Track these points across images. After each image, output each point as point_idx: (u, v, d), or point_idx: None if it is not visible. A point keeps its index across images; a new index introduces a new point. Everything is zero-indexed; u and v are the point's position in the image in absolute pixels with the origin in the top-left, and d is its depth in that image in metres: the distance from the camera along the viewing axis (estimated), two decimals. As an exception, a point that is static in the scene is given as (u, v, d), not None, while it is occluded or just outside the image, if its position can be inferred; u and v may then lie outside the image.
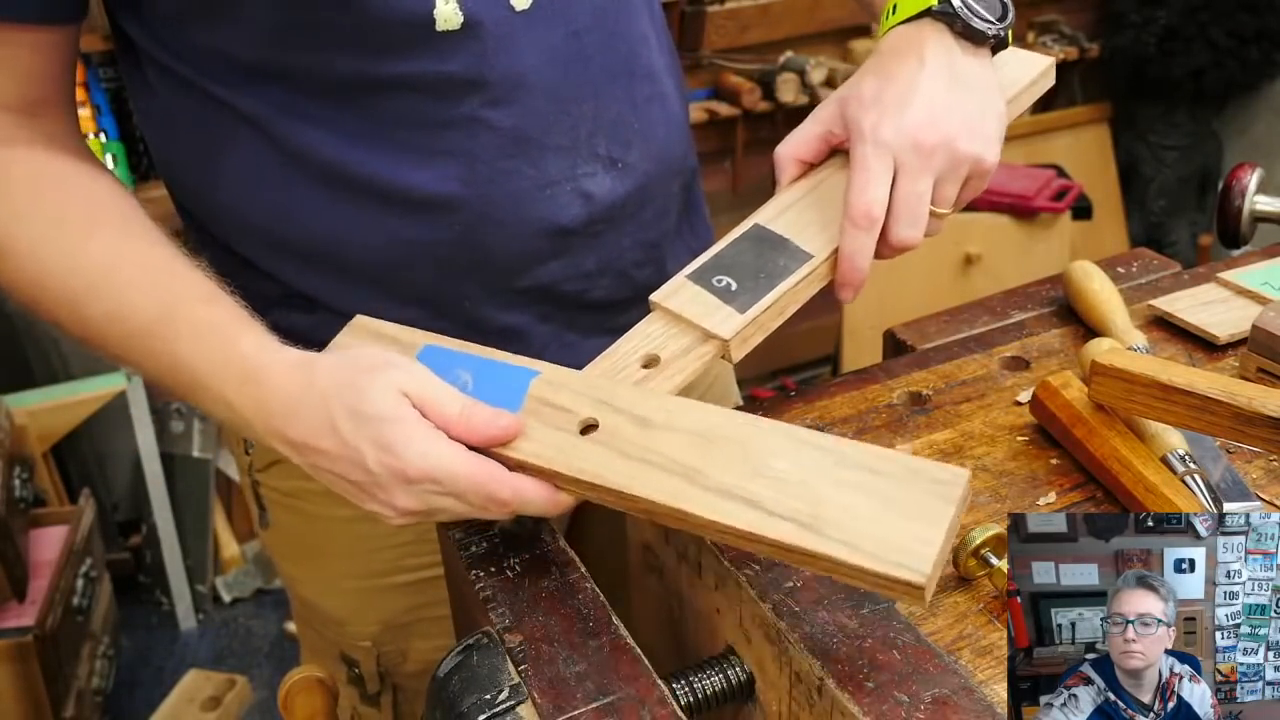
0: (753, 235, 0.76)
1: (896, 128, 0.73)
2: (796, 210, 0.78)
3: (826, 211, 0.77)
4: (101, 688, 2.01)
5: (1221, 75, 2.92)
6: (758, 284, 0.73)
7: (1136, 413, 0.72)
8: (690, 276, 0.74)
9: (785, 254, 0.75)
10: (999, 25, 0.77)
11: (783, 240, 0.75)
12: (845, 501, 0.58)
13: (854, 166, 0.74)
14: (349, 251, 0.81)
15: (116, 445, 2.40)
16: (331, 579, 0.95)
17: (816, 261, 0.74)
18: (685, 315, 0.72)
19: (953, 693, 0.58)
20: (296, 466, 0.90)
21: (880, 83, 0.75)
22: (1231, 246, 0.98)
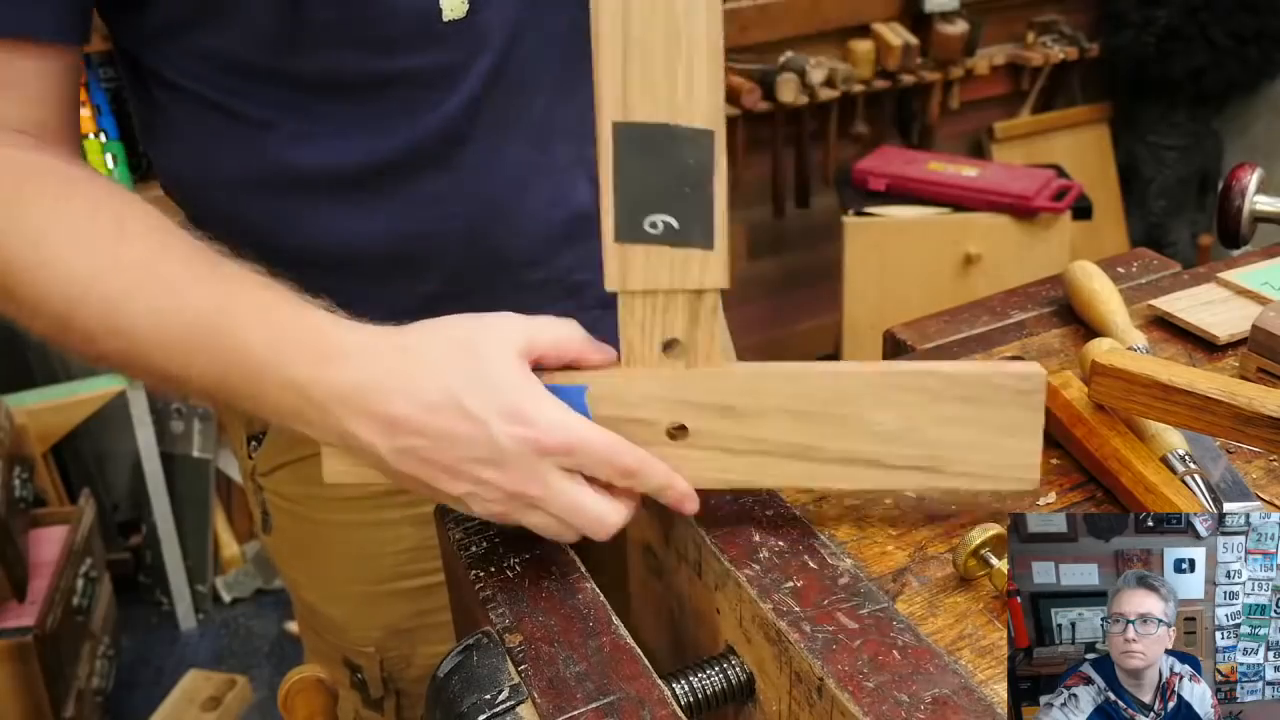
0: (626, 142, 0.62)
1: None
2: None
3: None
4: (101, 688, 2.01)
5: (1221, 75, 2.92)
6: (692, 201, 0.63)
7: (1136, 413, 0.72)
8: (621, 240, 0.64)
9: (680, 143, 0.62)
10: None
11: (662, 130, 0.61)
12: (952, 437, 0.66)
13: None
14: (353, 252, 0.81)
15: (116, 445, 2.40)
16: (334, 584, 0.94)
17: (718, 133, 0.62)
18: (660, 288, 0.64)
19: (953, 693, 0.58)
20: (302, 471, 0.91)
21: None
22: (1231, 246, 0.98)
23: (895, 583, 0.66)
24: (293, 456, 0.90)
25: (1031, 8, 3.01)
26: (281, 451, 0.91)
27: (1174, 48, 2.89)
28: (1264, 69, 2.96)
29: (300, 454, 0.90)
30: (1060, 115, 3.09)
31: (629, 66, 0.60)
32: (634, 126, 0.61)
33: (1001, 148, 3.02)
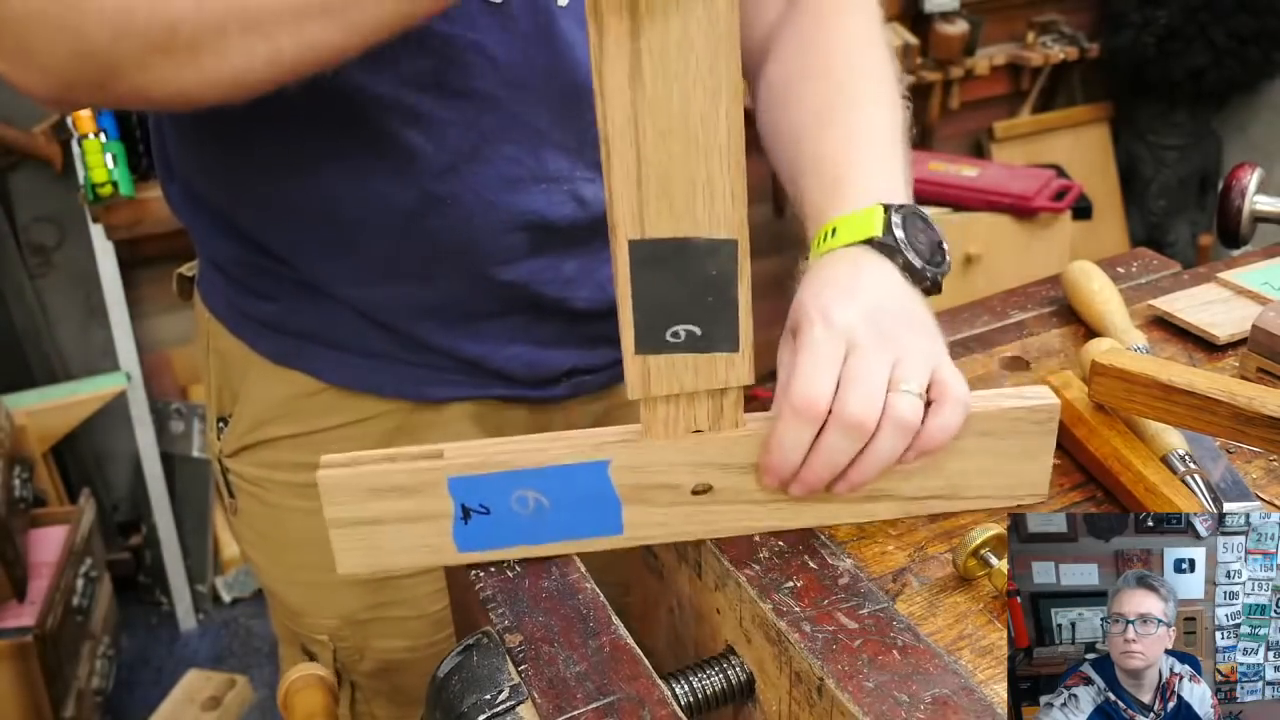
0: (643, 258, 0.60)
1: (851, 309, 0.65)
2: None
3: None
4: (101, 688, 2.01)
5: (1221, 75, 2.92)
6: (716, 308, 0.61)
7: (1136, 413, 0.72)
8: (641, 352, 0.62)
9: (701, 255, 0.60)
10: (935, 269, 0.70)
11: (682, 244, 0.60)
12: (969, 466, 0.68)
13: (801, 346, 0.64)
14: (349, 216, 0.80)
15: (116, 445, 2.40)
16: (291, 569, 0.95)
17: (741, 241, 0.60)
18: (684, 391, 0.64)
19: (953, 693, 0.58)
20: (263, 455, 0.92)
21: (825, 279, 0.68)
22: (1231, 246, 0.98)
23: (895, 583, 0.66)
24: (256, 439, 0.91)
25: (1031, 8, 3.01)
26: (245, 433, 0.91)
27: (1174, 48, 2.89)
28: (1264, 69, 2.96)
29: (263, 437, 0.91)
30: (1060, 115, 3.09)
31: (644, 184, 0.58)
32: (651, 243, 0.59)
33: (1001, 148, 3.02)
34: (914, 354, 0.64)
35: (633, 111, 0.56)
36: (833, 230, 0.70)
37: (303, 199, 0.80)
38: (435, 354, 0.86)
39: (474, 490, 0.65)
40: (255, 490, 0.94)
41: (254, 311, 0.87)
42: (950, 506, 0.70)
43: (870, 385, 0.62)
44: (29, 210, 2.26)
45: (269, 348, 0.88)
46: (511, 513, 0.66)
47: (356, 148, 0.78)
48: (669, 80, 0.55)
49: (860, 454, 0.63)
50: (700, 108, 0.56)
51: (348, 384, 0.87)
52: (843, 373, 0.62)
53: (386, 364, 0.86)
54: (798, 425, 0.62)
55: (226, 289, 0.89)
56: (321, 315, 0.85)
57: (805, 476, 0.65)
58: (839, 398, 0.62)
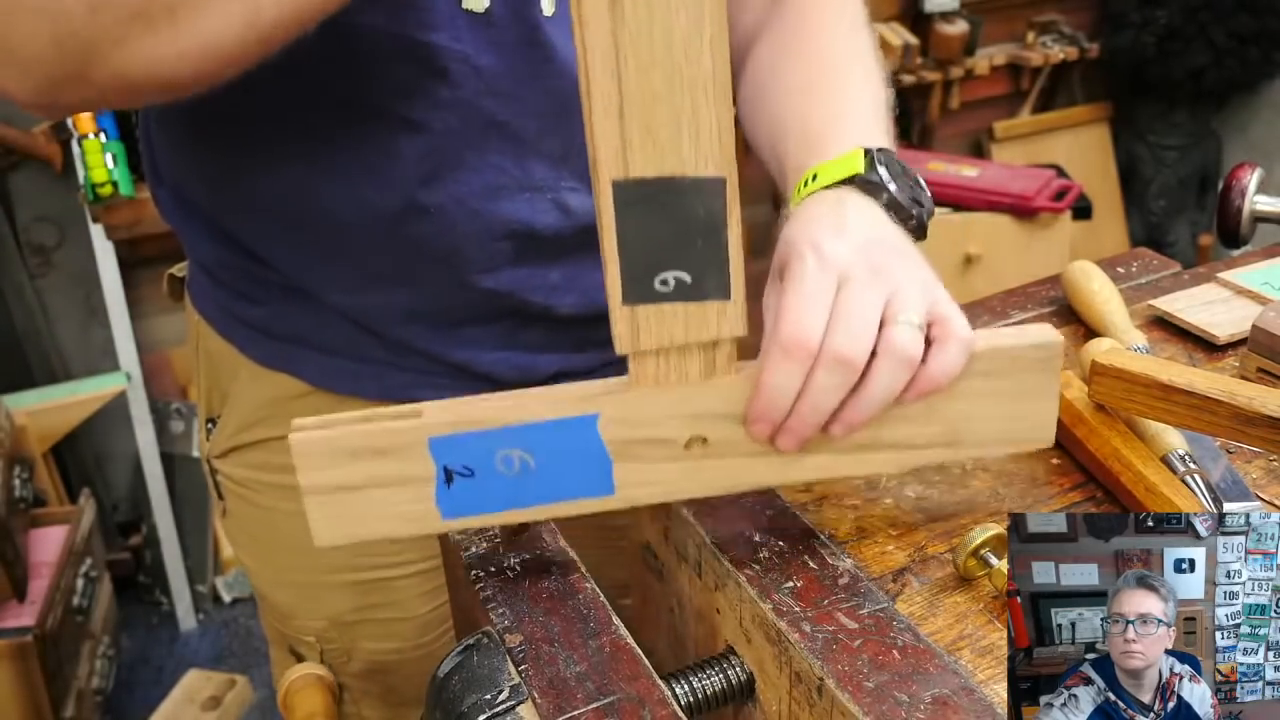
0: (627, 200, 0.57)
1: (841, 243, 0.62)
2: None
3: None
4: (101, 688, 2.01)
5: (1221, 75, 2.92)
6: (705, 252, 0.58)
7: (1136, 413, 0.72)
8: (629, 302, 0.59)
9: (688, 195, 0.57)
10: (920, 208, 0.68)
11: (668, 183, 0.56)
12: (971, 410, 0.64)
13: (789, 282, 0.61)
14: (335, 223, 0.80)
15: (116, 445, 2.40)
16: (279, 571, 0.95)
17: (729, 180, 0.57)
18: (674, 344, 0.61)
19: (953, 693, 0.58)
20: (251, 456, 0.92)
21: (811, 216, 0.65)
22: (1231, 246, 0.98)
23: (895, 583, 0.66)
24: (243, 441, 0.91)
25: (1031, 8, 3.01)
26: (233, 434, 0.92)
27: (1174, 48, 2.90)
28: (1264, 69, 2.96)
29: (250, 439, 0.91)
30: (1060, 115, 3.09)
31: (626, 119, 0.55)
32: (636, 183, 0.56)
33: (1001, 148, 3.02)
34: (910, 285, 0.61)
35: (613, 42, 0.53)
36: (813, 175, 0.68)
37: (289, 205, 0.80)
38: (422, 358, 0.86)
39: (456, 450, 0.62)
40: (243, 492, 0.94)
41: (242, 314, 0.87)
42: (953, 455, 0.66)
43: (862, 319, 0.59)
44: (29, 210, 2.26)
45: (257, 350, 0.88)
46: (497, 474, 0.63)
47: (342, 155, 0.78)
48: (650, 7, 0.53)
49: (856, 390, 0.60)
50: (683, 36, 0.53)
51: (335, 387, 0.87)
52: (834, 307, 0.59)
53: (374, 367, 0.86)
54: (786, 365, 0.59)
55: (215, 291, 0.89)
56: (309, 319, 0.85)
57: (793, 424, 0.61)
58: (828, 333, 0.59)
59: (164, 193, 0.89)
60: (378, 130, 0.77)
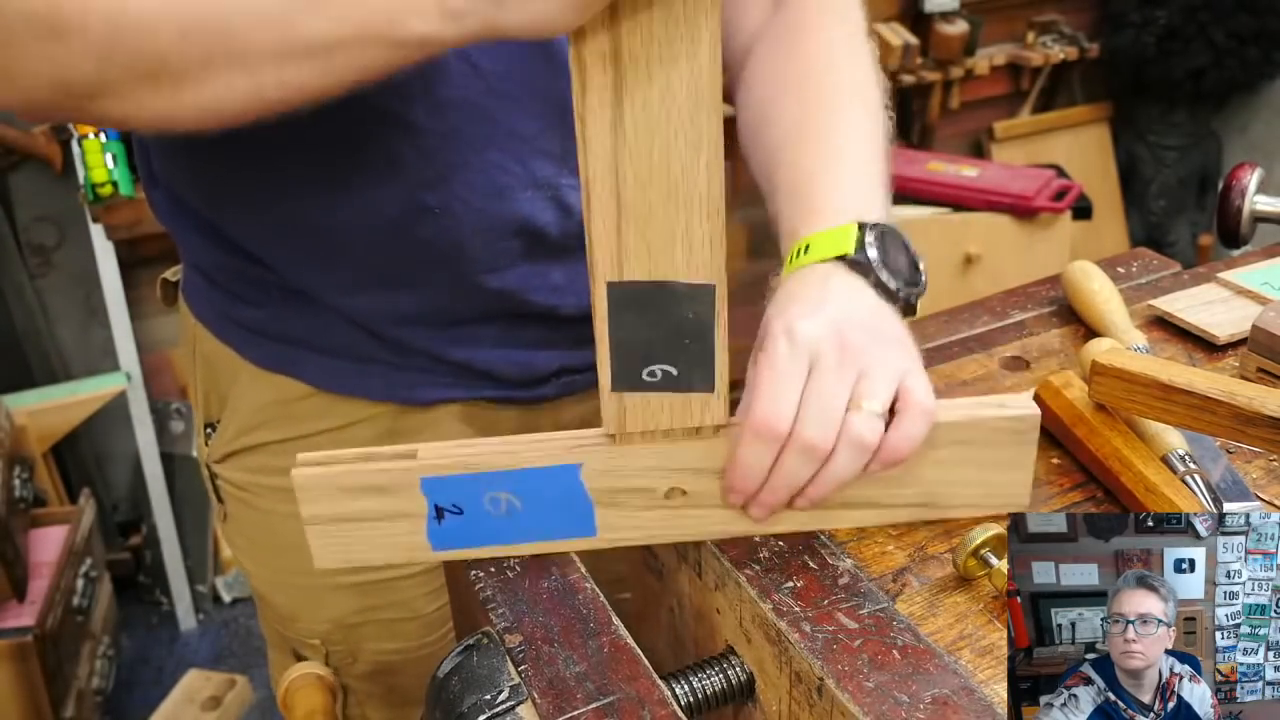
0: (621, 300, 0.61)
1: (816, 323, 0.63)
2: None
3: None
4: (101, 688, 2.01)
5: (1221, 75, 2.92)
6: (692, 351, 0.62)
7: (1136, 413, 0.72)
8: (618, 389, 0.63)
9: (679, 299, 0.61)
10: (910, 289, 0.69)
11: (659, 288, 0.60)
12: (948, 476, 0.68)
13: (763, 365, 0.63)
14: (336, 225, 0.80)
15: (116, 445, 2.40)
16: (282, 574, 0.95)
17: (719, 286, 0.61)
18: (659, 428, 0.65)
19: (953, 693, 0.58)
20: (251, 460, 0.91)
21: (793, 294, 0.67)
22: (1231, 246, 0.98)
23: (895, 583, 0.66)
24: (243, 445, 0.91)
25: (1031, 8, 3.01)
26: (232, 439, 0.91)
27: (1174, 48, 2.89)
28: (1264, 69, 2.96)
29: (251, 443, 0.90)
30: (1060, 115, 3.09)
31: (623, 229, 0.58)
32: (629, 286, 0.60)
33: (1001, 148, 3.02)
34: (879, 368, 0.63)
35: (613, 159, 0.56)
36: (805, 247, 0.70)
37: (288, 207, 0.80)
38: (423, 357, 0.86)
39: (446, 491, 0.66)
40: (244, 496, 0.94)
41: (240, 317, 0.87)
42: (929, 515, 0.70)
43: (829, 407, 0.62)
44: (29, 210, 2.26)
45: (256, 353, 0.88)
46: (484, 513, 0.67)
47: (343, 157, 0.78)
48: (650, 131, 0.56)
49: (818, 472, 0.63)
50: (681, 158, 0.57)
51: (336, 388, 0.87)
52: (803, 393, 0.62)
53: (374, 368, 0.86)
54: (758, 447, 0.63)
55: (211, 294, 0.89)
56: (308, 321, 0.85)
57: (764, 497, 0.65)
58: (797, 420, 0.62)
59: (159, 194, 0.88)
60: (379, 132, 0.77)
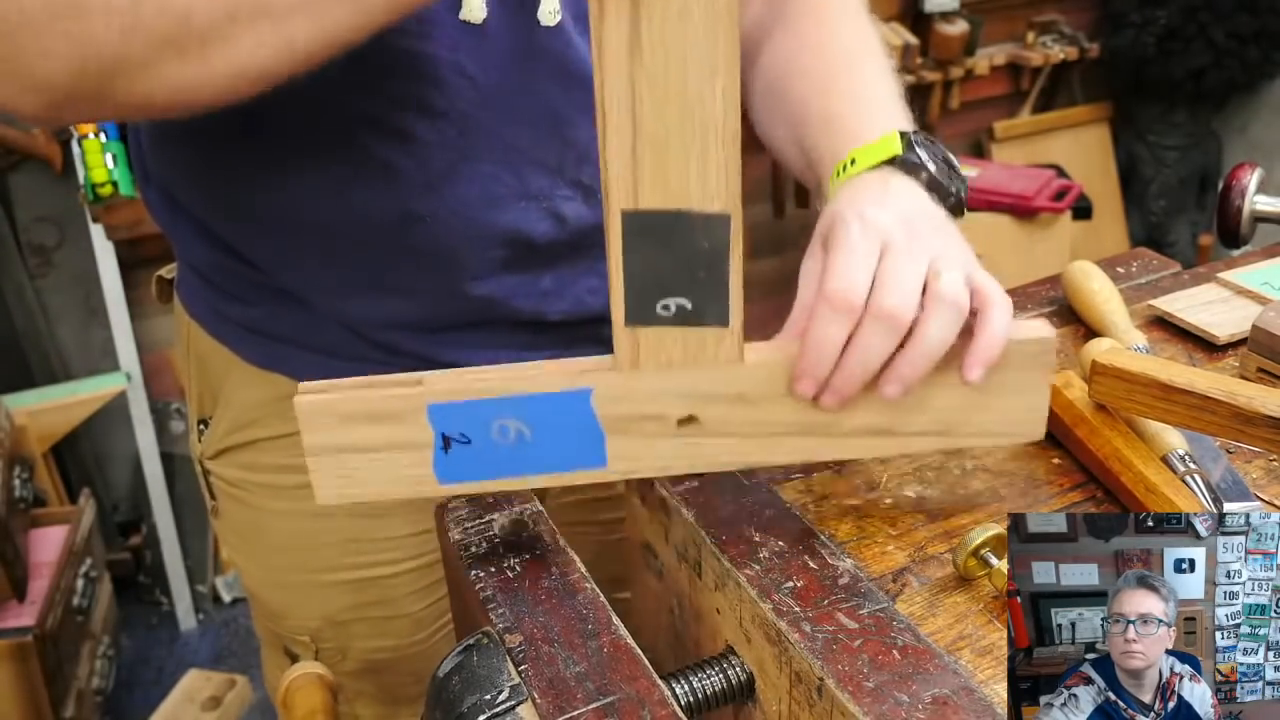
0: (635, 229, 0.60)
1: (885, 212, 0.64)
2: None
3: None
4: (101, 688, 2.01)
5: (1221, 75, 2.92)
6: (707, 283, 0.61)
7: (1137, 412, 0.72)
8: (631, 323, 0.62)
9: (695, 228, 0.60)
10: (959, 184, 0.70)
11: (675, 216, 0.59)
12: (963, 401, 0.65)
13: (834, 245, 0.62)
14: (328, 231, 0.80)
15: (116, 445, 2.40)
16: (273, 571, 0.95)
17: (734, 217, 0.60)
18: (674, 364, 0.64)
19: (953, 693, 0.58)
20: (243, 457, 0.91)
21: (855, 190, 0.67)
22: (1231, 246, 0.98)
23: (895, 583, 0.66)
24: (235, 441, 0.91)
25: (1031, 8, 3.01)
26: (225, 435, 0.92)
27: (1174, 48, 2.90)
28: (1264, 69, 2.96)
29: (242, 439, 0.91)
30: (1060, 115, 3.09)
31: (639, 155, 0.58)
32: (644, 214, 0.59)
33: (1001, 148, 3.02)
34: (950, 254, 0.63)
35: (630, 82, 0.56)
36: (851, 161, 0.69)
37: (281, 211, 0.80)
38: (412, 359, 0.86)
39: (454, 418, 0.64)
40: (236, 492, 0.94)
41: (234, 315, 0.87)
42: (946, 444, 0.67)
43: (906, 278, 0.61)
44: (29, 210, 2.26)
45: (248, 351, 0.88)
46: (492, 442, 0.65)
47: (336, 164, 0.78)
48: (667, 53, 0.55)
49: (908, 344, 0.61)
50: (697, 81, 0.56)
51: None
52: (879, 269, 0.61)
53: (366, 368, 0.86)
54: (833, 319, 0.60)
55: (205, 293, 0.89)
56: (300, 321, 0.85)
57: (838, 380, 0.62)
58: (875, 290, 0.60)
59: (154, 194, 0.89)
60: (372, 141, 0.77)
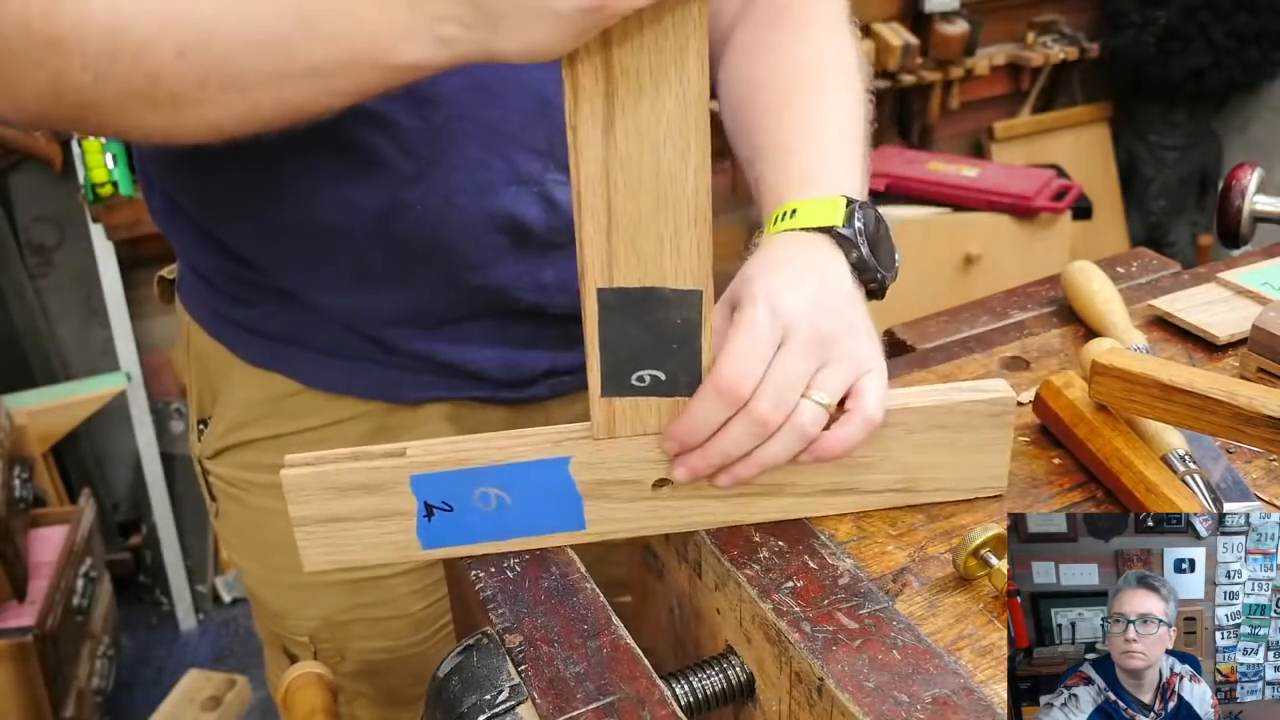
0: (610, 305, 0.62)
1: (794, 297, 0.64)
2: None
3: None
4: (101, 688, 2.01)
5: (1221, 75, 2.92)
6: (680, 355, 0.63)
7: (1137, 412, 0.72)
8: (607, 395, 0.64)
9: (668, 304, 0.62)
10: (885, 272, 0.70)
11: (648, 293, 0.61)
12: (926, 459, 0.69)
13: (737, 328, 0.63)
14: (321, 224, 0.80)
15: (116, 445, 2.40)
16: (272, 571, 0.95)
17: (706, 291, 0.62)
18: (649, 432, 0.66)
19: (953, 693, 0.58)
20: (242, 457, 0.92)
21: (777, 259, 0.67)
22: (1231, 246, 0.98)
23: (895, 583, 0.66)
24: (234, 441, 0.91)
25: (1031, 8, 3.01)
26: (224, 435, 0.92)
27: (1174, 48, 2.89)
28: (1264, 69, 2.96)
29: (241, 439, 0.91)
30: (1060, 115, 3.09)
31: (613, 236, 0.59)
32: (619, 292, 0.61)
33: (1001, 148, 3.02)
34: (843, 361, 0.64)
35: (604, 167, 0.58)
36: (791, 211, 0.70)
37: (274, 208, 0.80)
38: (411, 357, 0.86)
39: (436, 488, 0.67)
40: (235, 492, 0.94)
41: (233, 315, 0.87)
42: (909, 500, 0.71)
43: (789, 387, 0.62)
44: (29, 210, 2.26)
45: (248, 350, 0.88)
46: (474, 509, 0.67)
47: (325, 155, 0.78)
48: (640, 139, 0.57)
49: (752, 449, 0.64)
50: (670, 165, 0.58)
51: (326, 386, 0.87)
52: (769, 368, 0.62)
53: (364, 366, 0.86)
54: (716, 405, 0.62)
55: (205, 293, 0.89)
56: (299, 320, 0.85)
57: (694, 459, 0.65)
58: (757, 392, 0.62)
59: (155, 198, 0.89)
60: (357, 129, 0.77)
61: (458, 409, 0.89)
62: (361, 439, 0.87)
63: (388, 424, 0.88)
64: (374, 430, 0.88)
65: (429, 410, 0.89)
